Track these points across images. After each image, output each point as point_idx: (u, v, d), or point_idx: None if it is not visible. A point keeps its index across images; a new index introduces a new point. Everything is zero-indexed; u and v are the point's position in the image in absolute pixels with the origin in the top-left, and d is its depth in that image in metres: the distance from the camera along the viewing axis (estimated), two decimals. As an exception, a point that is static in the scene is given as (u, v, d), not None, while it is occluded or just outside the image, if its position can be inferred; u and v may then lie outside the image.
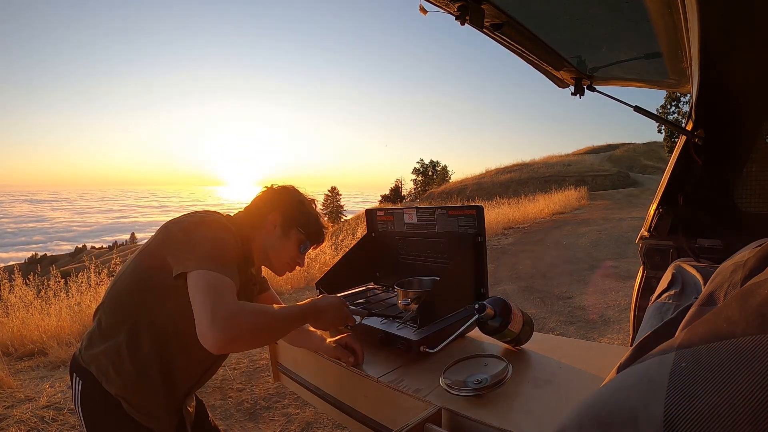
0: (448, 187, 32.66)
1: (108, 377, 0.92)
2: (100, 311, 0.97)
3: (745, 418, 0.22)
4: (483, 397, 0.81)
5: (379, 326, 1.06)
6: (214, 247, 0.87)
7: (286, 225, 1.08)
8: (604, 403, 0.31)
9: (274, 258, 1.10)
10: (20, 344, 3.76)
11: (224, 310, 0.76)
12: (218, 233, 0.91)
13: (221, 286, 0.80)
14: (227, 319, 0.75)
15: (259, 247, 1.08)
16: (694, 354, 0.28)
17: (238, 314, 0.77)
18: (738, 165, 1.57)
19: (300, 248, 1.11)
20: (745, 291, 0.31)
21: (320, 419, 2.46)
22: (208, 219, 0.94)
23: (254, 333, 0.81)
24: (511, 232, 10.07)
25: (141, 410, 0.93)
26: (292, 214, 1.09)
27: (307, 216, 1.11)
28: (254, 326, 0.80)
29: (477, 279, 1.18)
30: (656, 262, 1.69)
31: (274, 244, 1.08)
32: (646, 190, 18.53)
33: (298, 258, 1.12)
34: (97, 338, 0.96)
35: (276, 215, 1.08)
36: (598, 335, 3.61)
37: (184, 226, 0.91)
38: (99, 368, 0.93)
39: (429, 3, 1.02)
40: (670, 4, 0.96)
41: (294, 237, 1.09)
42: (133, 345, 0.92)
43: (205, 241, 0.88)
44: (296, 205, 1.10)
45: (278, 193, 1.11)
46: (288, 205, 1.09)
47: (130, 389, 0.92)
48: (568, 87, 1.72)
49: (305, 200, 1.13)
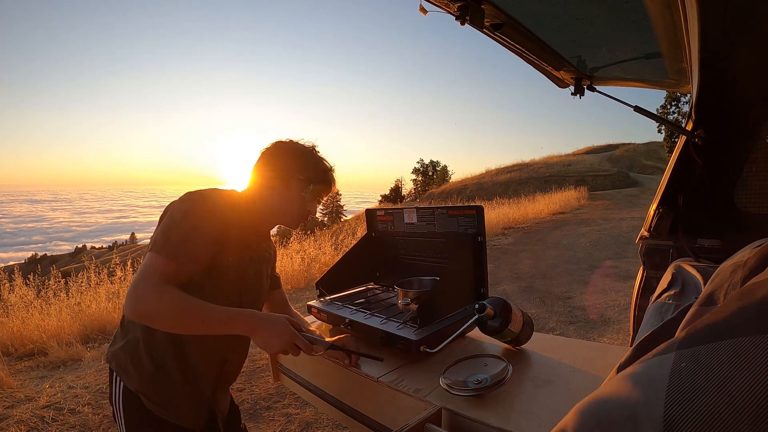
0: (448, 187, 32.66)
1: (127, 373, 0.93)
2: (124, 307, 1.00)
3: (746, 417, 0.23)
4: (483, 397, 0.81)
5: (379, 326, 1.06)
6: (176, 229, 0.88)
7: (284, 177, 1.04)
8: (604, 402, 0.31)
9: (283, 214, 1.07)
10: (20, 344, 3.76)
11: (140, 288, 0.81)
12: (190, 215, 0.89)
13: (153, 267, 0.84)
14: (138, 298, 0.81)
15: (267, 211, 1.06)
16: (694, 354, 0.28)
17: (147, 296, 0.81)
18: (738, 165, 1.57)
19: (305, 195, 1.06)
20: (745, 291, 0.31)
21: (320, 419, 2.46)
22: (191, 199, 0.92)
23: (162, 319, 0.83)
24: (511, 232, 10.07)
25: (161, 405, 0.94)
26: (286, 164, 1.05)
27: (305, 162, 1.06)
28: (161, 313, 0.82)
29: (477, 279, 1.18)
30: (656, 262, 1.69)
31: (278, 200, 1.05)
32: (646, 190, 18.53)
33: (307, 206, 1.08)
34: (118, 334, 0.99)
35: (271, 171, 1.05)
36: (598, 335, 3.61)
37: (170, 207, 0.93)
38: (119, 365, 0.94)
39: (429, 3, 1.02)
40: (670, 4, 0.96)
41: (295, 186, 1.05)
42: (149, 338, 0.93)
43: (172, 224, 0.88)
44: (290, 155, 1.06)
45: (271, 151, 1.07)
46: (282, 158, 1.05)
47: (148, 384, 0.93)
48: (568, 87, 1.72)
49: (300, 148, 1.08)
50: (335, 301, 1.31)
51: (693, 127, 1.57)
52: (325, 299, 1.34)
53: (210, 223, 0.91)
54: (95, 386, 2.96)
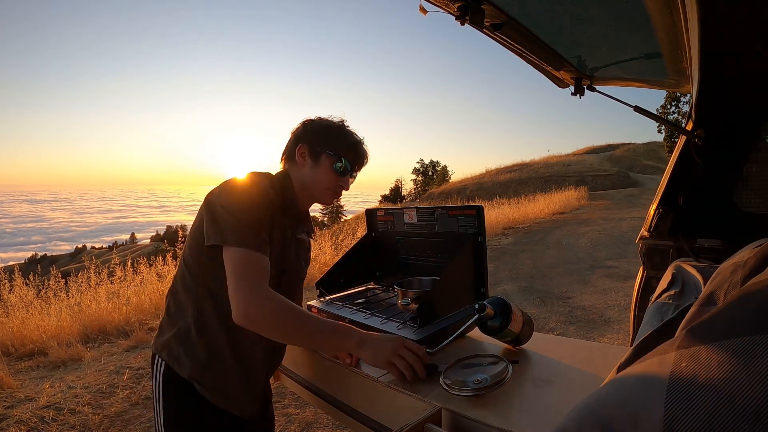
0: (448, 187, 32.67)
1: (180, 361, 0.93)
2: (168, 296, 1.00)
3: (745, 417, 0.23)
4: (483, 397, 0.81)
5: (379, 326, 1.06)
6: (243, 216, 0.88)
7: (314, 152, 1.05)
8: (604, 403, 0.31)
9: (314, 189, 1.07)
10: (20, 344, 3.76)
11: (246, 291, 0.82)
12: (246, 198, 0.91)
13: (247, 264, 0.84)
14: (248, 303, 0.81)
15: (301, 189, 1.07)
16: (694, 354, 0.28)
17: (258, 302, 0.81)
18: (738, 165, 1.57)
19: (336, 170, 1.05)
20: (745, 291, 0.31)
21: (320, 419, 2.46)
22: (239, 184, 0.94)
23: (271, 328, 0.84)
24: (511, 232, 10.07)
25: (215, 391, 0.94)
26: (316, 139, 1.05)
27: (333, 136, 1.06)
28: (272, 322, 0.83)
29: (477, 279, 1.18)
30: (656, 262, 1.69)
31: (309, 175, 1.06)
32: (646, 190, 18.54)
33: (339, 181, 1.07)
34: (166, 324, 0.99)
35: (302, 148, 1.06)
36: (598, 335, 3.61)
37: (218, 194, 0.92)
38: (170, 354, 0.94)
39: (429, 3, 1.02)
40: (670, 4, 0.96)
41: (325, 162, 1.05)
42: (202, 325, 0.94)
43: (241, 212, 0.88)
44: (319, 130, 1.06)
45: (300, 130, 1.09)
46: (311, 133, 1.06)
47: (202, 370, 0.93)
48: (568, 87, 1.72)
49: (328, 123, 1.08)
50: (335, 301, 1.31)
51: (693, 127, 1.57)
52: (325, 299, 1.34)
53: (264, 207, 0.92)
54: (95, 386, 2.96)
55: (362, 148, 1.10)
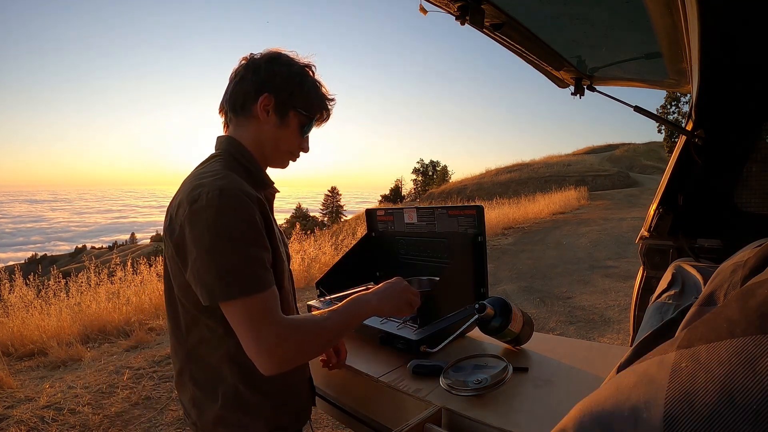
0: (448, 187, 32.68)
1: (245, 426, 0.79)
2: (186, 364, 0.81)
3: (746, 418, 0.23)
4: (483, 397, 0.81)
5: (379, 326, 1.06)
6: (236, 256, 0.69)
7: (281, 107, 0.83)
8: (604, 402, 0.31)
9: (274, 152, 0.87)
10: (20, 344, 3.76)
11: (265, 340, 0.68)
12: (234, 227, 0.69)
13: (255, 312, 0.69)
14: (272, 353, 0.69)
15: (254, 148, 0.85)
16: (694, 354, 0.28)
17: (281, 344, 0.69)
18: (738, 165, 1.57)
19: (302, 132, 0.87)
20: (745, 291, 0.31)
21: (320, 419, 2.46)
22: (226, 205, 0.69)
23: (307, 355, 0.77)
24: (511, 232, 10.07)
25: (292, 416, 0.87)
26: (285, 90, 0.83)
27: (307, 89, 0.84)
28: (305, 350, 0.74)
29: (477, 279, 1.18)
30: (656, 262, 1.69)
31: (272, 135, 0.85)
32: (646, 190, 18.53)
33: (303, 144, 0.90)
34: (202, 398, 0.81)
35: (267, 99, 0.82)
36: (598, 335, 3.61)
37: (194, 231, 0.69)
38: (229, 426, 0.79)
39: (429, 3, 1.02)
40: (670, 4, 0.96)
41: (294, 121, 0.85)
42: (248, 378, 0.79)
43: (230, 253, 0.69)
44: (289, 78, 0.83)
45: (264, 66, 0.83)
46: (280, 80, 0.83)
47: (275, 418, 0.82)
48: (568, 87, 1.72)
49: (298, 69, 0.85)
50: (335, 301, 1.31)
51: (693, 127, 1.57)
52: (325, 299, 1.34)
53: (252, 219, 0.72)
54: (95, 386, 2.96)
55: (329, 102, 0.90)
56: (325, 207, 44.72)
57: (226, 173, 0.76)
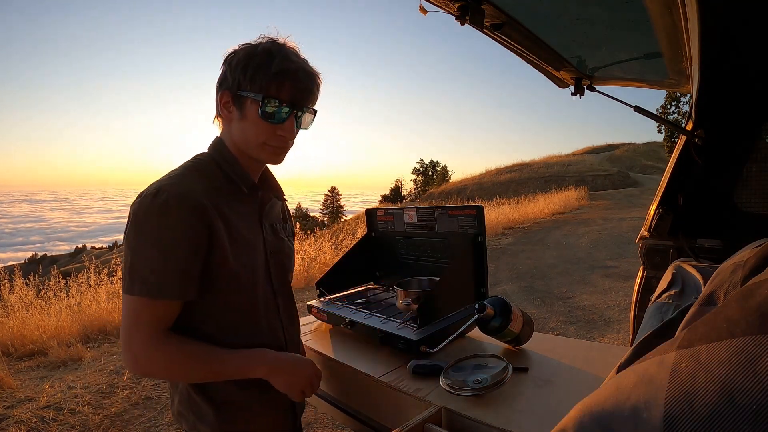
0: (448, 187, 32.68)
1: (196, 428, 0.82)
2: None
3: (746, 418, 0.23)
4: (483, 397, 0.81)
5: (379, 326, 1.06)
6: (139, 257, 0.71)
7: (238, 99, 0.78)
8: (604, 402, 0.31)
9: (249, 148, 0.82)
10: (20, 344, 3.76)
11: (135, 345, 0.71)
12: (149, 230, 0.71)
13: (136, 314, 0.71)
14: (136, 358, 0.72)
15: (237, 150, 0.83)
16: (694, 354, 0.28)
17: (147, 356, 0.72)
18: (738, 165, 1.57)
19: (263, 116, 0.77)
20: (745, 291, 0.31)
21: (320, 419, 2.46)
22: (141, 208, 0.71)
23: (169, 376, 0.78)
24: (511, 232, 10.07)
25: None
26: (235, 80, 0.77)
27: (254, 70, 0.76)
28: (168, 373, 0.76)
29: (477, 279, 1.18)
30: (656, 262, 1.69)
31: (238, 131, 0.81)
32: (646, 190, 18.54)
33: (275, 130, 0.79)
34: (170, 387, 0.87)
35: (224, 96, 0.80)
36: (598, 335, 3.61)
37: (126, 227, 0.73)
38: (187, 422, 0.83)
39: (429, 3, 1.02)
40: (670, 4, 0.96)
41: (251, 108, 0.78)
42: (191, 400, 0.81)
43: (132, 252, 0.71)
44: (240, 66, 0.77)
45: (223, 67, 0.80)
46: (229, 72, 0.78)
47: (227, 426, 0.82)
48: (568, 87, 1.72)
49: (251, 51, 0.78)
50: (335, 301, 1.31)
51: (693, 127, 1.57)
52: (325, 299, 1.34)
53: (182, 221, 0.71)
54: (95, 386, 2.96)
55: (298, 74, 0.78)
56: (325, 207, 44.76)
57: (180, 175, 0.77)
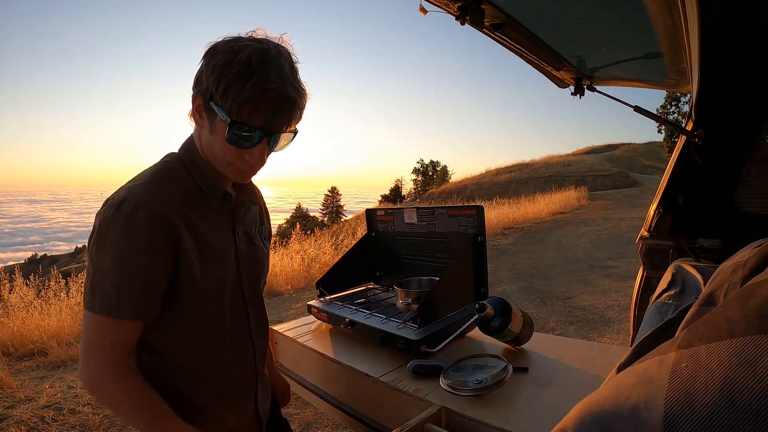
0: (448, 187, 32.68)
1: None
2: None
3: (746, 418, 0.23)
4: (483, 397, 0.81)
5: (379, 326, 1.06)
6: (102, 275, 0.68)
7: (209, 109, 0.68)
8: (604, 402, 0.31)
9: (215, 162, 0.74)
10: (20, 344, 3.76)
11: (92, 366, 0.69)
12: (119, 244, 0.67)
13: (98, 334, 0.69)
14: (92, 383, 0.70)
15: (207, 156, 0.76)
16: (694, 354, 0.28)
17: (103, 384, 0.70)
18: (738, 165, 1.57)
19: (230, 141, 0.68)
20: (745, 291, 0.31)
21: (320, 419, 2.46)
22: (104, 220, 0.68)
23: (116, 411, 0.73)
24: (511, 232, 10.07)
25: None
26: (208, 88, 0.67)
27: (228, 83, 0.65)
28: (116, 408, 0.72)
29: (477, 279, 1.18)
30: (656, 262, 1.69)
31: (207, 141, 0.73)
32: (646, 190, 18.53)
33: (243, 154, 0.70)
34: None
35: (197, 99, 0.70)
36: (598, 335, 3.61)
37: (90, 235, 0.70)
38: None
39: (429, 3, 1.03)
40: (670, 4, 0.96)
41: (220, 126, 0.68)
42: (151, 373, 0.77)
43: (95, 270, 0.68)
44: (217, 71, 0.65)
45: (202, 62, 0.69)
46: (203, 74, 0.68)
47: None
48: (568, 87, 1.72)
49: (229, 57, 0.65)
50: (335, 301, 1.31)
51: (693, 127, 1.57)
52: (325, 299, 1.34)
53: (147, 236, 0.67)
54: (95, 386, 2.96)
55: (276, 100, 0.66)
56: (325, 207, 44.76)
57: (147, 183, 0.71)
